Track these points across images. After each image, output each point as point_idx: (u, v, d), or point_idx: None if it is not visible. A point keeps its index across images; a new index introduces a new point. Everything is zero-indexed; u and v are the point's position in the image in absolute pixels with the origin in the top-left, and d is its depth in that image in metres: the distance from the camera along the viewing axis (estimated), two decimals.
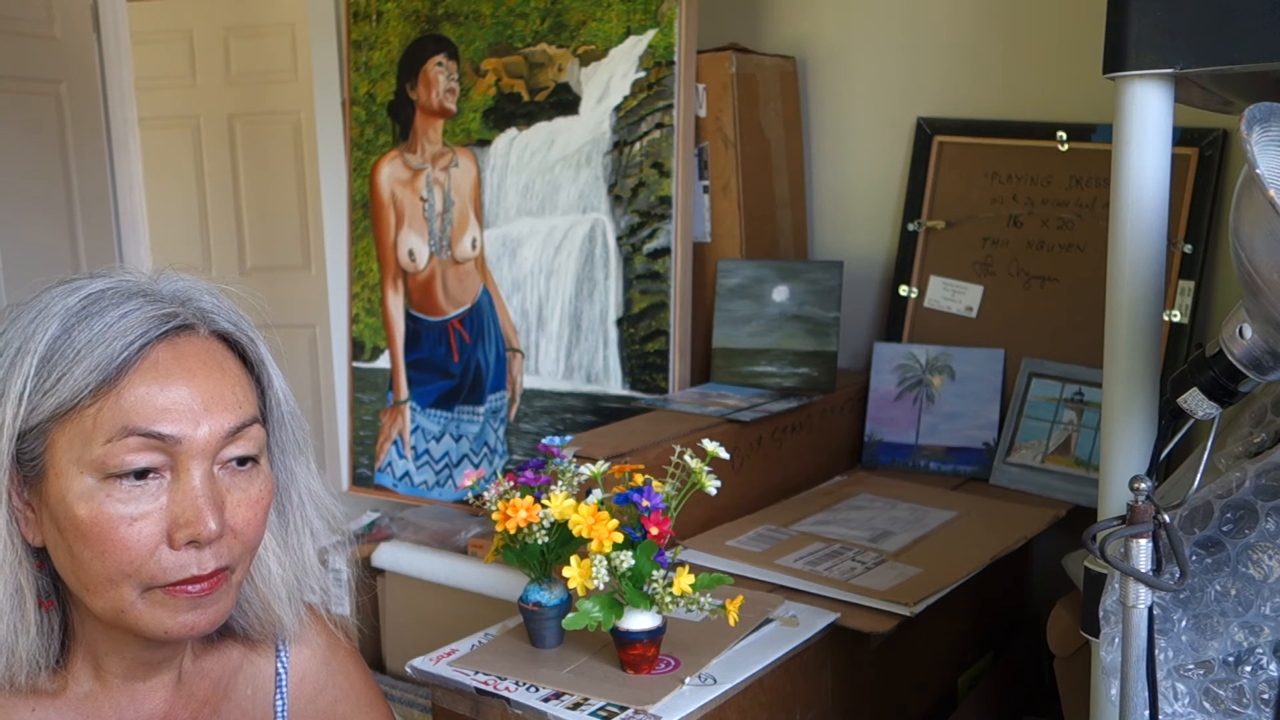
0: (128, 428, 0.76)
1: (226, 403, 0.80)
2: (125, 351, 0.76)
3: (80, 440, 0.76)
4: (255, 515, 0.82)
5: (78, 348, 0.76)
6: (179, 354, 0.79)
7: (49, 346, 0.76)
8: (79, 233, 3.05)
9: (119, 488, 0.76)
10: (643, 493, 1.17)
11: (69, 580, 0.79)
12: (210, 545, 0.78)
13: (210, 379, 0.80)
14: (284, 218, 3.78)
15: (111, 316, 0.77)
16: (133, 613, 0.78)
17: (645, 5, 1.99)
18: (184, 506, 0.77)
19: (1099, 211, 1.90)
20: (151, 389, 0.77)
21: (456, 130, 2.25)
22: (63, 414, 0.76)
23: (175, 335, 0.79)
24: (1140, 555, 0.78)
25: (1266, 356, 0.78)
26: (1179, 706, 0.90)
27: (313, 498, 0.93)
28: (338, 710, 0.99)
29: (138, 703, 0.86)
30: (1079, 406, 1.87)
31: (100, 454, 0.75)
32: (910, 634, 1.45)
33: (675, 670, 1.20)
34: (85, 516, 0.76)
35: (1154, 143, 0.96)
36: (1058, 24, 1.96)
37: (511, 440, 2.20)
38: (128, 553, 0.76)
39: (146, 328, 0.78)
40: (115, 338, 0.76)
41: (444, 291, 2.29)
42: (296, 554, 0.92)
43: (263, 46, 3.72)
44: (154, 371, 0.77)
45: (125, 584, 0.77)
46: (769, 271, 2.01)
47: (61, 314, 0.77)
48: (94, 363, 0.76)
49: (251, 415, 0.82)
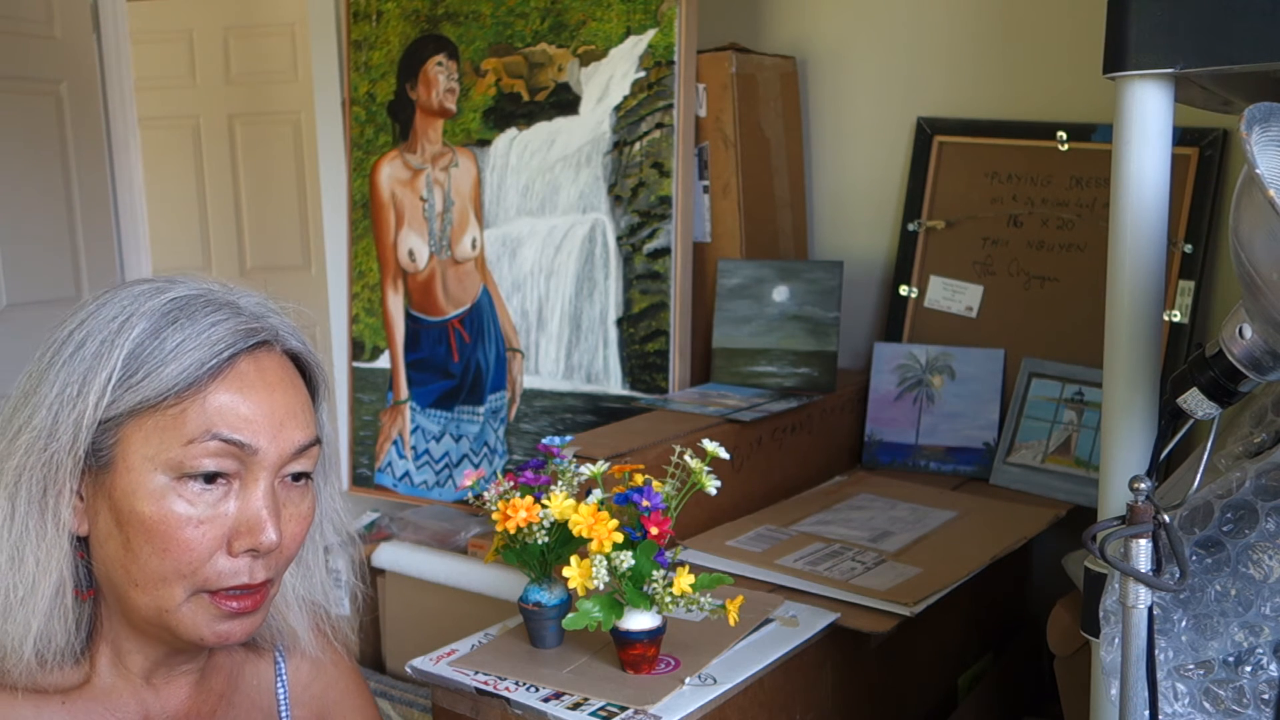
0: (211, 431, 0.78)
1: (299, 421, 0.83)
2: (215, 359, 0.79)
3: (158, 438, 0.78)
4: (301, 531, 0.85)
5: (168, 349, 0.78)
6: (260, 368, 0.82)
7: (137, 344, 0.78)
8: (79, 233, 3.05)
9: (188, 489, 0.78)
10: (643, 493, 1.17)
11: (115, 573, 0.80)
12: (264, 557, 0.81)
13: (286, 396, 0.83)
14: (284, 218, 3.78)
15: (203, 324, 0.80)
16: (176, 614, 0.80)
17: (645, 5, 1.99)
18: (248, 515, 0.80)
19: (1099, 211, 1.90)
20: (235, 398, 0.80)
21: (456, 130, 2.25)
22: (143, 410, 0.78)
23: (257, 350, 0.83)
24: (1140, 555, 0.78)
25: (1266, 356, 0.78)
26: (1179, 706, 0.90)
27: (333, 517, 0.96)
28: (329, 696, 1.02)
29: (162, 697, 0.87)
30: (1079, 406, 1.87)
31: (179, 454, 0.78)
32: (910, 634, 1.45)
33: (675, 670, 1.20)
34: (152, 513, 0.78)
35: (1154, 143, 0.96)
36: (1058, 24, 1.96)
37: (511, 440, 2.20)
38: (188, 553, 0.78)
39: (234, 340, 0.81)
40: (206, 345, 0.79)
41: (444, 291, 2.29)
42: (310, 571, 0.95)
43: (263, 46, 3.73)
44: (239, 382, 0.80)
45: (178, 584, 0.79)
46: (769, 271, 2.01)
47: (149, 314, 0.80)
48: (183, 366, 0.78)
49: (315, 436, 0.85)
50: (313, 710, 1.00)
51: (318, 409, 0.89)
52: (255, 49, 3.73)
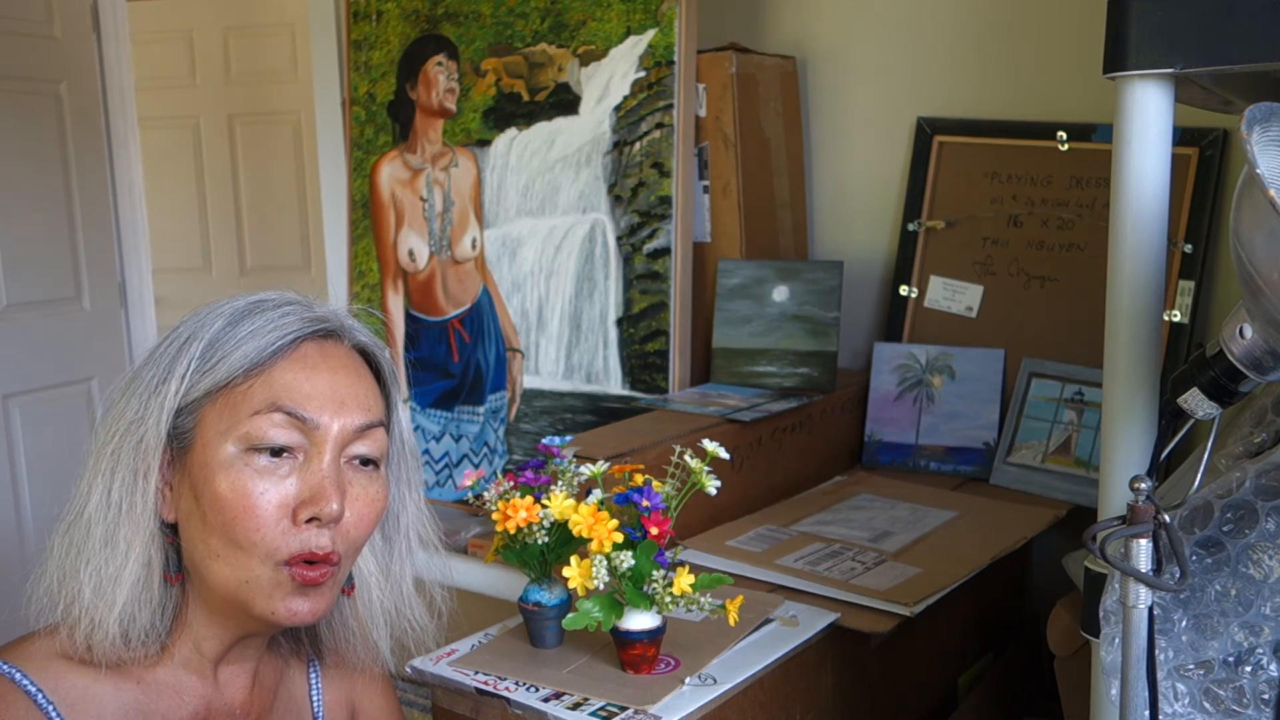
0: (275, 404, 0.85)
1: (361, 402, 0.89)
2: (280, 341, 0.87)
3: (230, 412, 0.85)
4: (369, 513, 0.89)
5: (239, 336, 0.86)
6: (325, 353, 0.89)
7: (214, 335, 0.87)
8: (79, 233, 3.05)
9: (256, 461, 0.84)
10: (643, 493, 1.17)
11: (196, 549, 0.86)
12: (328, 527, 0.85)
13: (349, 379, 0.89)
14: (284, 218, 3.78)
15: (273, 315, 0.88)
16: (252, 585, 0.85)
17: (645, 5, 1.99)
18: (312, 485, 0.85)
19: (1099, 211, 1.90)
20: (299, 376, 0.87)
21: (456, 130, 2.25)
22: (216, 390, 0.86)
23: (323, 338, 0.90)
24: (1140, 555, 0.78)
25: (1267, 356, 0.78)
26: (1179, 706, 0.90)
27: (419, 531, 1.00)
28: (361, 706, 1.06)
29: (222, 691, 0.92)
30: (1079, 406, 1.87)
31: (247, 426, 0.84)
32: (910, 634, 1.45)
33: (675, 670, 1.20)
34: (223, 483, 0.84)
35: (1154, 143, 0.96)
36: (1058, 24, 1.96)
37: (511, 440, 2.20)
38: (255, 519, 0.83)
39: (300, 326, 0.89)
40: (273, 330, 0.87)
41: (444, 291, 2.29)
42: (397, 584, 0.99)
43: (263, 46, 3.73)
44: (303, 363, 0.88)
45: (251, 553, 0.84)
46: (769, 271, 2.01)
47: (229, 312, 0.88)
48: (251, 349, 0.86)
49: (379, 419, 0.91)
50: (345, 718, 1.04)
51: (389, 405, 0.94)
52: (255, 49, 3.73)
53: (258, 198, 3.81)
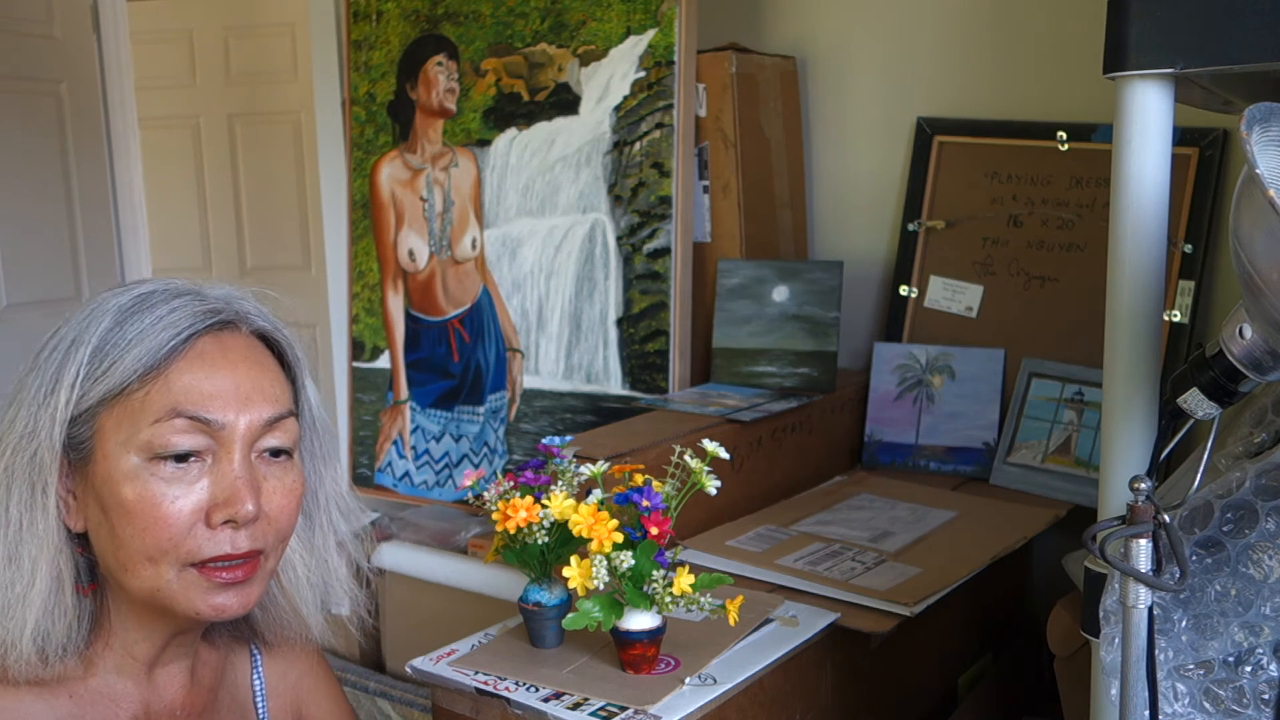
0: (175, 409, 0.81)
1: (266, 395, 0.85)
2: (173, 340, 0.82)
3: (129, 422, 0.81)
4: (289, 504, 0.86)
5: (129, 338, 0.81)
6: (223, 347, 0.84)
7: (101, 338, 0.81)
8: (79, 233, 3.05)
9: (162, 469, 0.80)
10: (643, 493, 1.17)
11: (108, 561, 0.83)
12: (246, 527, 0.82)
13: (251, 372, 0.85)
14: (284, 218, 3.77)
15: (161, 311, 0.83)
16: (168, 591, 0.81)
17: (645, 5, 1.99)
18: (223, 487, 0.81)
19: (1099, 211, 1.90)
20: (198, 376, 0.82)
21: (456, 130, 2.25)
22: (111, 398, 0.81)
23: (219, 330, 0.85)
24: (1140, 555, 0.78)
25: (1266, 356, 0.78)
26: (1179, 706, 0.90)
27: (339, 503, 0.97)
28: (302, 685, 1.04)
29: (160, 691, 0.89)
30: (1079, 406, 1.87)
31: (148, 435, 0.80)
32: (910, 634, 1.45)
33: (675, 670, 1.20)
34: (130, 494, 0.80)
35: (1154, 143, 0.96)
36: (1058, 24, 1.96)
37: (511, 440, 2.20)
38: (167, 529, 0.80)
39: (193, 320, 0.83)
40: (164, 329, 0.82)
41: (444, 291, 2.29)
42: (321, 559, 0.96)
43: (263, 46, 3.72)
44: (200, 361, 0.83)
45: (163, 561, 0.81)
46: (769, 271, 2.01)
47: (114, 310, 0.83)
48: (143, 350, 0.81)
49: (288, 409, 0.87)
50: (287, 700, 1.02)
51: (297, 388, 0.90)
52: (255, 49, 3.73)
53: (258, 198, 3.80)
